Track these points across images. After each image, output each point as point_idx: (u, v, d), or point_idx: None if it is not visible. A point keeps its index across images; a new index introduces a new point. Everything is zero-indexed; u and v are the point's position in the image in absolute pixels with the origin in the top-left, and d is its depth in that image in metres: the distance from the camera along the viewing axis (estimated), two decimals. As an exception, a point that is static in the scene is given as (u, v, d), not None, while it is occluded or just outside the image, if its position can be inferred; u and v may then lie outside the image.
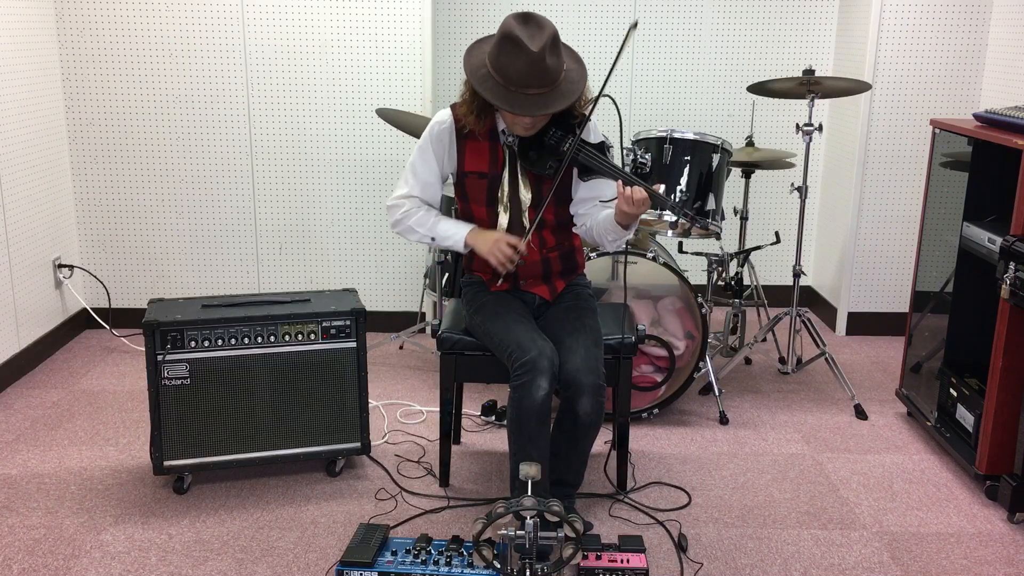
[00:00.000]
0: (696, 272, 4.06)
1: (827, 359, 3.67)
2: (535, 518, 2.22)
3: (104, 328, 4.30)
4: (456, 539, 2.53)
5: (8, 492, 2.91)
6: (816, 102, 3.58)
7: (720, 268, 3.83)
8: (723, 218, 3.56)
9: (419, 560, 2.45)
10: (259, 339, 2.88)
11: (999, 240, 2.82)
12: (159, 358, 2.80)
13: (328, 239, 4.32)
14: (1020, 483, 2.77)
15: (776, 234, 3.93)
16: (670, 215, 3.41)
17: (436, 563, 2.44)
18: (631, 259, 3.36)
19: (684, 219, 2.70)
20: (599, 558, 2.48)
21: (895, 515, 2.84)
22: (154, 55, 4.10)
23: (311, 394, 2.94)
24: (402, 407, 3.58)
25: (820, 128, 3.59)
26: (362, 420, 2.99)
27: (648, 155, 3.46)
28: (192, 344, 2.82)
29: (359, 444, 3.00)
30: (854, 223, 4.31)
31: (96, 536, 2.67)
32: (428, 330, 4.16)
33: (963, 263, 3.14)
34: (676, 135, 3.44)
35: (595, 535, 2.61)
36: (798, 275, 3.74)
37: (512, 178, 2.69)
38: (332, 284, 4.34)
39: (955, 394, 3.13)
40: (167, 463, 2.86)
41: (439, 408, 2.91)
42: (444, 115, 2.72)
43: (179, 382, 2.83)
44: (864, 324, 4.43)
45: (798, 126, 3.60)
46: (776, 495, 2.96)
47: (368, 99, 4.14)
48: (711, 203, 3.47)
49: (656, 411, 3.45)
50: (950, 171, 3.29)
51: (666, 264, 3.38)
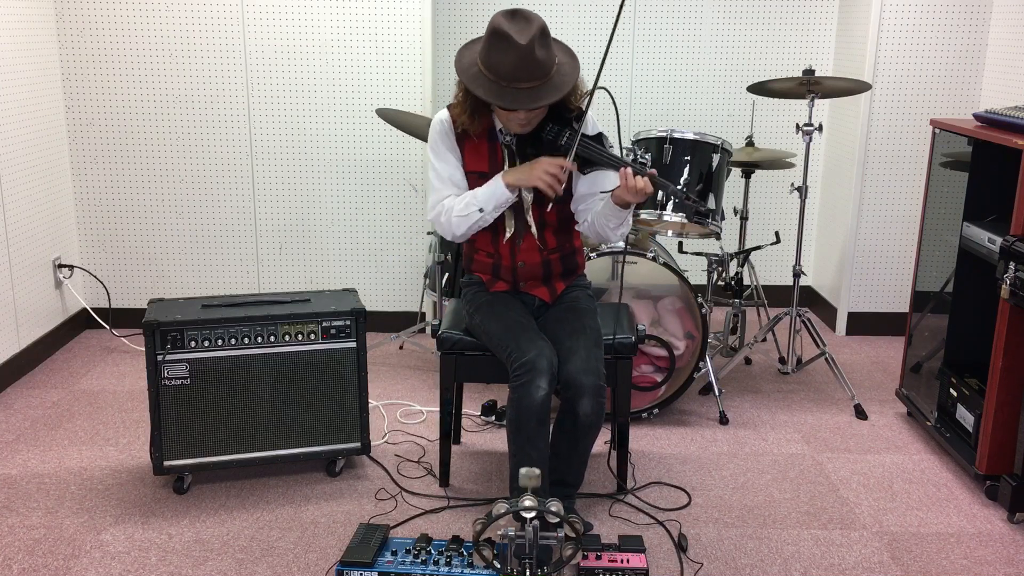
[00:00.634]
0: (696, 272, 4.06)
1: (827, 359, 3.67)
2: (535, 519, 2.21)
3: (104, 328, 4.30)
4: (456, 539, 2.54)
5: (8, 492, 2.91)
6: (816, 102, 3.58)
7: (720, 268, 3.83)
8: (723, 218, 3.56)
9: (419, 560, 2.45)
10: (259, 339, 2.88)
11: (999, 240, 2.82)
12: (159, 358, 2.80)
13: (328, 239, 4.32)
14: (1020, 483, 2.77)
15: (776, 234, 3.93)
16: (670, 215, 3.42)
17: (436, 563, 2.44)
18: (631, 259, 3.36)
19: (686, 203, 2.66)
20: (599, 558, 2.48)
21: (895, 515, 2.85)
22: (154, 55, 4.10)
23: (311, 394, 2.94)
24: (402, 407, 3.58)
25: (820, 128, 3.59)
26: (362, 420, 2.99)
27: (648, 155, 3.44)
28: (192, 344, 2.82)
29: (359, 444, 3.00)
30: (854, 223, 4.31)
31: (96, 536, 2.67)
32: (428, 330, 4.16)
33: (963, 263, 3.14)
34: (676, 135, 3.45)
35: (595, 535, 2.61)
36: (798, 275, 3.74)
37: (513, 177, 2.68)
38: (332, 284, 4.34)
39: (955, 394, 3.13)
40: (167, 463, 2.86)
41: (439, 408, 2.91)
42: (443, 115, 2.71)
43: (179, 382, 2.83)
44: (864, 324, 4.43)
45: (798, 126, 3.60)
46: (776, 495, 2.96)
47: (368, 99, 4.14)
48: (711, 203, 3.47)
49: (656, 411, 3.46)
50: (950, 171, 3.29)
51: (666, 264, 3.39)
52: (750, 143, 3.96)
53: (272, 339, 2.88)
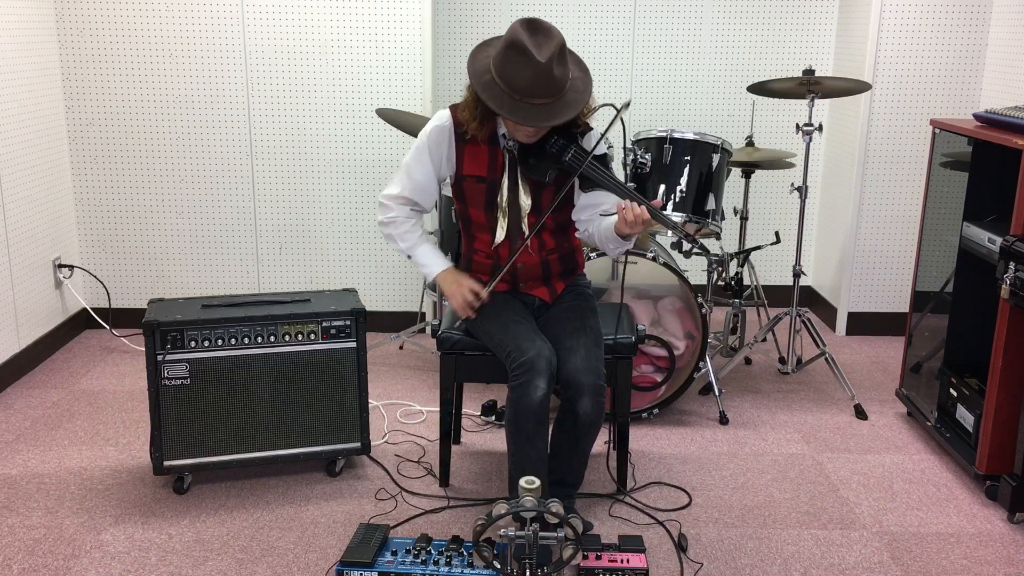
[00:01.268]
0: (696, 272, 4.06)
1: (827, 359, 3.67)
2: (535, 520, 2.21)
3: (104, 328, 4.30)
4: (456, 539, 2.53)
5: (8, 492, 2.91)
6: (816, 102, 3.58)
7: (720, 268, 3.83)
8: (723, 218, 3.56)
9: (419, 560, 2.45)
10: (259, 339, 2.88)
11: (999, 240, 2.82)
12: (159, 358, 2.80)
13: (328, 239, 4.32)
14: (1020, 483, 2.77)
15: (776, 234, 3.93)
16: (670, 215, 3.41)
17: (436, 563, 2.44)
18: (631, 259, 3.36)
19: (686, 240, 2.69)
20: (599, 558, 2.48)
21: (895, 515, 2.84)
22: (154, 55, 4.10)
23: (311, 394, 2.94)
24: (402, 407, 3.58)
25: (820, 128, 3.59)
26: (362, 420, 2.99)
27: (648, 155, 3.46)
28: (192, 344, 2.82)
29: (359, 444, 3.00)
30: (854, 223, 4.31)
31: (96, 536, 2.67)
32: (428, 330, 4.17)
33: (963, 263, 3.14)
34: (676, 135, 3.45)
35: (595, 535, 2.61)
36: (798, 275, 3.74)
37: (512, 183, 2.66)
38: (332, 284, 4.34)
39: (955, 394, 3.13)
40: (167, 463, 2.86)
41: (439, 408, 2.91)
42: (443, 116, 2.67)
43: (179, 382, 2.83)
44: (864, 324, 4.43)
45: (798, 126, 3.60)
46: (776, 495, 2.96)
47: (368, 99, 4.14)
48: (711, 203, 3.47)
49: (656, 411, 3.46)
50: (950, 171, 3.29)
51: (666, 264, 3.39)
52: (750, 143, 3.96)
53: (272, 339, 2.88)
